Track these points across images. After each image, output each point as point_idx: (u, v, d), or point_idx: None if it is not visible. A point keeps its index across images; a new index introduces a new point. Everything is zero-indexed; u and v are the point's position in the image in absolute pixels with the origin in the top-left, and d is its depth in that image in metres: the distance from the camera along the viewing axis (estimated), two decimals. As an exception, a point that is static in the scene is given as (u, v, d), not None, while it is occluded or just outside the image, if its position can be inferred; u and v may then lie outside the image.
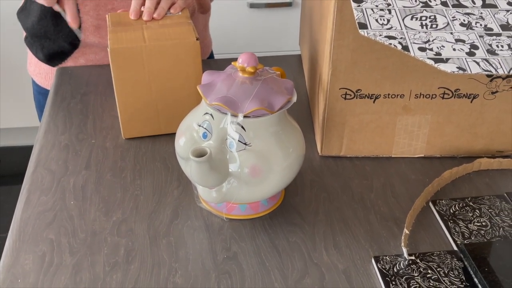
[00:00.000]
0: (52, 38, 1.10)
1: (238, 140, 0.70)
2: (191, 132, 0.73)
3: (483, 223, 0.76)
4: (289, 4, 2.01)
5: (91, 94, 1.04)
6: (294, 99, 0.74)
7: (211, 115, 0.72)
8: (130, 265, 0.71)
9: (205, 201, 0.79)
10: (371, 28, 0.69)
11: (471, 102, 0.84)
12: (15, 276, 0.70)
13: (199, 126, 0.73)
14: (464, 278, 0.69)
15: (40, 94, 1.22)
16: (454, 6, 0.73)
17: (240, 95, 0.70)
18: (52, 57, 1.14)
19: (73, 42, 1.10)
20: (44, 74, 1.18)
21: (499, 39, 0.68)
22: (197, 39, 0.85)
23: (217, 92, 0.71)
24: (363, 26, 0.69)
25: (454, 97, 0.83)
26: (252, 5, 2.00)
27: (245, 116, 0.70)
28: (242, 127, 0.70)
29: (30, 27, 1.12)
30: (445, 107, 0.84)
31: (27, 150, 0.93)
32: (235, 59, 0.74)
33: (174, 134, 0.77)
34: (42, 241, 0.75)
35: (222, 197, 0.73)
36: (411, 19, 0.70)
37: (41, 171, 0.86)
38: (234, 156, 0.71)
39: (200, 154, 0.68)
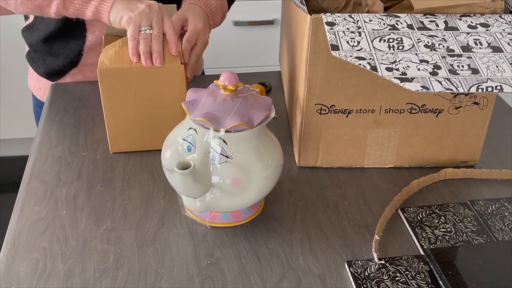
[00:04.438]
0: (55, 55, 1.11)
1: (220, 153, 0.71)
2: (176, 145, 0.74)
3: (448, 229, 0.78)
4: (271, 22, 2.03)
5: (83, 108, 1.04)
6: (273, 114, 0.75)
7: (195, 130, 0.72)
8: (119, 271, 0.72)
9: (190, 210, 0.79)
10: (342, 50, 0.70)
11: (436, 116, 0.85)
12: (10, 283, 0.70)
13: (184, 140, 0.73)
14: (430, 281, 0.70)
15: (39, 107, 1.22)
16: (419, 29, 0.74)
17: (222, 111, 0.71)
18: (52, 73, 1.14)
19: (74, 61, 1.10)
20: (43, 89, 1.18)
21: (460, 60, 0.70)
22: (181, 63, 0.85)
23: (200, 109, 0.72)
24: (335, 47, 0.70)
25: (421, 112, 0.85)
26: (236, 23, 2.01)
27: (226, 131, 0.70)
28: (224, 141, 0.71)
29: (35, 44, 1.12)
30: (413, 121, 0.86)
31: (25, 160, 0.92)
32: (218, 76, 0.74)
33: (160, 149, 0.77)
34: (36, 249, 0.75)
35: (206, 206, 0.74)
36: (380, 41, 0.72)
37: (35, 182, 0.86)
38: (216, 168, 0.71)
39: (184, 166, 0.68)
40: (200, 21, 0.99)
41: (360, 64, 0.67)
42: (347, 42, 0.71)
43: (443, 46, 0.72)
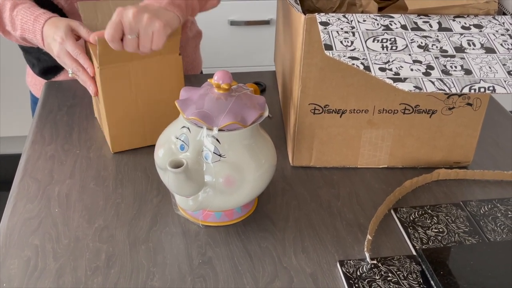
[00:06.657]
0: (48, 53, 1.11)
1: (213, 152, 0.71)
2: (169, 144, 0.74)
3: (440, 230, 0.78)
4: (267, 22, 2.02)
5: (77, 106, 1.04)
6: (266, 114, 0.75)
7: (188, 128, 0.72)
8: (111, 270, 0.71)
9: (183, 208, 0.79)
10: (336, 49, 0.70)
11: (430, 117, 0.86)
12: (1, 280, 0.70)
13: (177, 138, 0.73)
14: (421, 281, 0.70)
15: (36, 104, 1.22)
16: (412, 29, 0.75)
17: (215, 110, 0.71)
18: (46, 72, 1.14)
19: None
20: (39, 86, 1.18)
21: (453, 60, 0.70)
22: (179, 54, 0.85)
23: (193, 107, 0.72)
24: (328, 47, 0.70)
25: (415, 113, 0.85)
26: (232, 23, 2.01)
27: (219, 130, 0.70)
28: (217, 139, 0.71)
29: (26, 46, 1.12)
30: (406, 121, 0.86)
31: (19, 158, 0.92)
32: (212, 76, 0.74)
33: (155, 145, 0.77)
34: (28, 246, 0.74)
35: (198, 205, 0.74)
36: (373, 41, 0.72)
37: (27, 180, 0.86)
38: (209, 167, 0.71)
39: (177, 165, 0.68)
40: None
41: (353, 64, 0.68)
42: (341, 42, 0.71)
43: (437, 47, 0.72)
